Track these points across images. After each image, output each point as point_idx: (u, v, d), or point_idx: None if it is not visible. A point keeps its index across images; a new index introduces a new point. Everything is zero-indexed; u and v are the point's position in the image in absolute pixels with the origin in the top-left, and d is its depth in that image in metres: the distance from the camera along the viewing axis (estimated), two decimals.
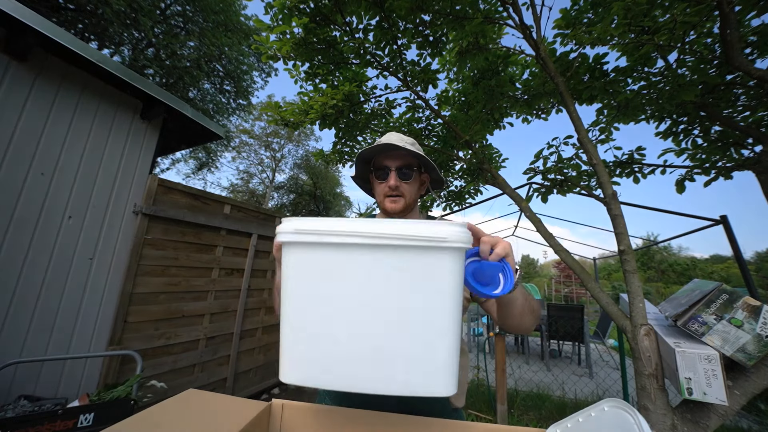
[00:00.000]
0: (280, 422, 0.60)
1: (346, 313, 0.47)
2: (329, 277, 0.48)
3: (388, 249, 0.45)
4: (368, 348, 0.47)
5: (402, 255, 0.46)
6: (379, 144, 0.88)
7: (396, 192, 0.91)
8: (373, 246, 0.46)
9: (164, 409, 0.54)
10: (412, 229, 0.44)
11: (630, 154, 2.59)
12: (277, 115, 2.54)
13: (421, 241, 0.44)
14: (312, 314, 0.48)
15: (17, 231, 1.84)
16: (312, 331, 0.48)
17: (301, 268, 0.49)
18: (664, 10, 1.81)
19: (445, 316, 0.46)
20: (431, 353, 0.46)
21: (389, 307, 0.46)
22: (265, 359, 3.54)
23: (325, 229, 0.46)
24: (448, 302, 0.46)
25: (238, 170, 19.21)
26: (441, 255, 0.45)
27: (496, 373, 2.47)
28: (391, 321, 0.46)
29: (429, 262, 0.45)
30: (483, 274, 0.57)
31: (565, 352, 6.05)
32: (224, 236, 3.04)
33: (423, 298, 0.46)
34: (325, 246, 0.47)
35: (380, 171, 0.93)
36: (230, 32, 10.00)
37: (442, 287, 0.46)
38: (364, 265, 0.47)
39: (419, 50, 2.42)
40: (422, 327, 0.46)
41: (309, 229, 0.47)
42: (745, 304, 1.15)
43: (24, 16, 1.74)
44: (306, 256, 0.49)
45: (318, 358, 0.48)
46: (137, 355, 1.93)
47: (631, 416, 0.45)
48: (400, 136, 0.95)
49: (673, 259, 32.33)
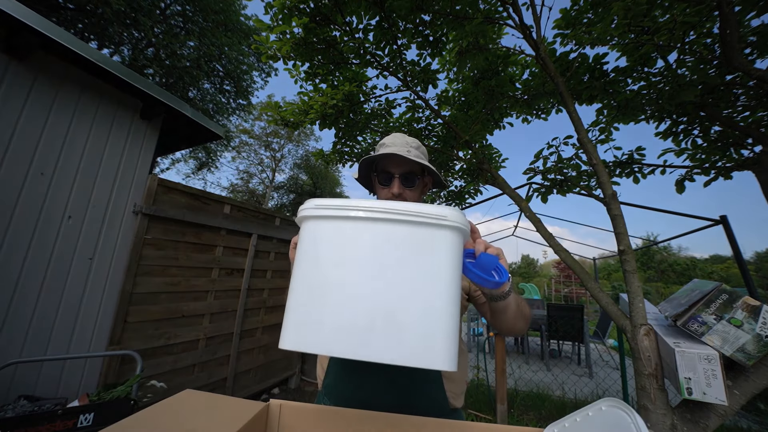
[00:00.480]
0: (278, 423, 0.60)
1: (352, 278, 0.50)
2: (342, 245, 0.52)
3: (397, 223, 0.51)
4: (370, 315, 0.48)
5: (408, 228, 0.50)
6: (384, 153, 0.88)
7: (399, 198, 0.91)
8: (384, 219, 0.51)
9: (161, 409, 0.54)
10: (417, 207, 0.50)
11: (630, 154, 2.59)
12: (277, 115, 2.54)
13: (425, 218, 0.50)
14: (320, 277, 0.51)
15: (17, 231, 1.84)
16: (318, 294, 0.50)
17: (317, 235, 0.53)
18: (664, 10, 1.81)
19: (444, 292, 0.48)
20: (430, 325, 0.47)
21: (393, 276, 0.49)
22: (265, 359, 3.54)
23: (342, 204, 0.52)
24: (446, 277, 0.49)
25: (238, 170, 19.24)
26: (442, 231, 0.50)
27: (496, 373, 2.47)
28: (394, 290, 0.49)
29: (431, 235, 0.50)
30: (481, 265, 0.61)
31: (565, 352, 6.05)
32: (224, 236, 3.04)
33: (424, 270, 0.49)
34: (341, 219, 0.52)
35: (384, 176, 0.93)
36: (230, 32, 10.00)
37: (442, 261, 0.49)
38: (375, 235, 0.51)
39: (419, 50, 2.42)
40: (423, 300, 0.48)
41: (329, 204, 0.53)
42: (745, 304, 1.15)
43: (24, 15, 1.73)
44: (323, 226, 0.53)
45: (320, 322, 0.49)
46: (137, 355, 1.93)
47: (628, 416, 0.45)
48: (404, 138, 0.94)
49: (673, 259, 32.32)
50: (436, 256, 0.49)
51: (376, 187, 0.98)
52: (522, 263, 43.60)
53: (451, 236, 0.50)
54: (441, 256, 0.49)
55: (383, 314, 0.48)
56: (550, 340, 5.43)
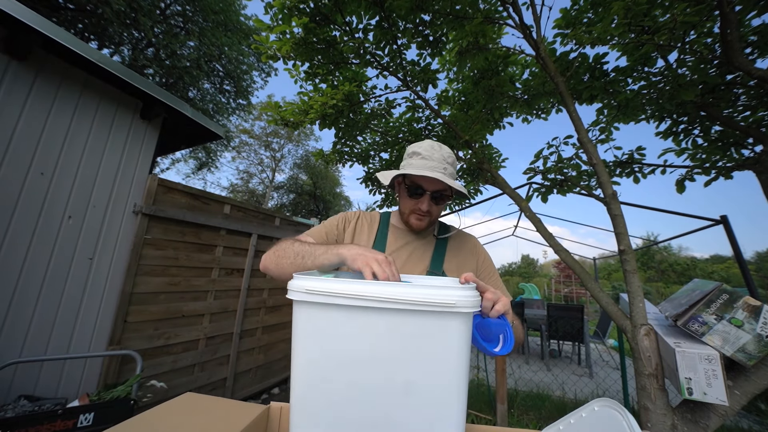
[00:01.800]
0: (278, 426, 0.60)
1: (353, 375, 0.48)
2: (338, 338, 0.48)
3: (398, 312, 0.46)
4: (373, 414, 0.47)
5: (411, 319, 0.46)
6: (421, 175, 0.85)
7: (426, 214, 0.92)
8: (382, 309, 0.46)
9: (161, 412, 0.54)
10: (422, 294, 0.45)
11: (630, 154, 2.59)
12: (277, 115, 2.54)
13: (432, 307, 0.45)
14: (319, 375, 0.48)
15: (17, 231, 1.84)
16: (320, 393, 0.48)
17: (312, 327, 0.49)
18: (664, 10, 1.81)
19: (452, 386, 0.46)
20: (440, 415, 0.46)
21: (396, 371, 0.47)
22: (265, 359, 3.54)
23: (335, 291, 0.47)
24: (454, 369, 0.46)
25: (238, 170, 19.23)
26: (451, 321, 0.46)
27: (496, 373, 2.47)
28: (397, 386, 0.46)
29: (438, 326, 0.46)
30: (487, 330, 0.61)
31: (565, 352, 6.05)
32: (224, 236, 3.04)
33: (430, 365, 0.46)
34: (335, 307, 0.47)
35: (415, 189, 0.91)
36: (230, 32, 9.99)
37: (450, 354, 0.46)
38: (372, 328, 0.47)
39: (419, 50, 2.41)
40: (429, 395, 0.46)
41: (319, 290, 0.47)
42: (746, 304, 1.15)
43: (24, 15, 1.73)
44: (316, 315, 0.49)
45: (325, 421, 0.48)
46: (137, 355, 1.93)
47: (621, 415, 0.45)
48: (441, 152, 0.90)
49: (673, 259, 32.30)
50: (445, 350, 0.46)
51: (401, 194, 0.96)
52: (522, 263, 43.56)
53: (459, 324, 0.46)
54: (449, 351, 0.46)
55: (391, 406, 0.46)
56: (550, 340, 5.43)
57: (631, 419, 0.43)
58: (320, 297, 0.47)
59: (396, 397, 0.46)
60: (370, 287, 0.47)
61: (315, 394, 0.48)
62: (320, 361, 0.48)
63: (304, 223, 4.23)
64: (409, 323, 0.46)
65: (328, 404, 0.48)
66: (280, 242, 0.88)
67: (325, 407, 0.48)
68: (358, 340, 0.47)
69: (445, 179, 0.83)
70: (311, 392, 0.48)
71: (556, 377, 4.28)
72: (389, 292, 0.46)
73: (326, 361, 0.48)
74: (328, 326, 0.48)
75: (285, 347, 3.87)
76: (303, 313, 0.49)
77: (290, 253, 0.81)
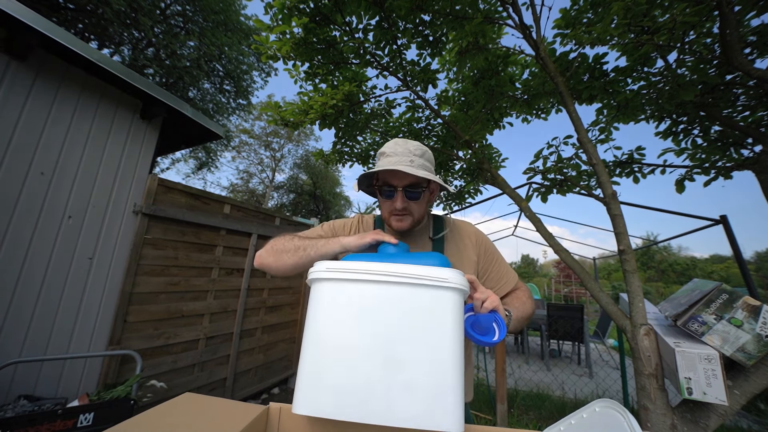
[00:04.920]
0: (278, 426, 0.60)
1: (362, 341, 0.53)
2: (349, 305, 0.55)
3: (402, 285, 0.55)
4: (378, 378, 0.51)
5: (412, 290, 0.54)
6: (384, 169, 0.81)
7: (403, 212, 0.88)
8: (389, 282, 0.55)
9: (160, 413, 0.54)
10: (421, 270, 0.54)
11: (630, 154, 2.59)
12: (277, 115, 2.54)
13: (428, 280, 0.54)
14: (329, 341, 0.54)
15: (17, 231, 1.84)
16: (328, 358, 0.53)
17: (328, 299, 0.57)
18: (663, 10, 1.81)
19: (448, 350, 0.52)
20: (439, 384, 0.50)
21: (400, 336, 0.52)
22: (265, 359, 3.54)
23: (351, 268, 0.56)
24: (449, 335, 0.52)
25: (238, 170, 19.21)
26: (444, 292, 0.54)
27: (496, 372, 2.47)
28: (400, 350, 0.52)
29: (434, 297, 0.54)
30: (480, 325, 0.67)
31: (565, 352, 6.05)
32: (224, 236, 3.04)
33: (428, 330, 0.52)
34: (350, 282, 0.56)
35: (386, 189, 0.87)
36: (230, 32, 9.99)
37: (445, 320, 0.53)
38: (380, 298, 0.55)
39: (419, 50, 2.41)
40: (429, 360, 0.51)
41: (338, 268, 0.57)
42: (745, 303, 1.15)
43: (24, 15, 1.73)
44: (333, 288, 0.57)
45: (332, 387, 0.52)
46: (137, 354, 1.93)
47: (622, 415, 0.45)
48: (406, 145, 0.87)
49: (673, 259, 32.34)
50: (440, 317, 0.53)
51: (379, 199, 0.93)
52: (522, 263, 43.63)
53: (452, 296, 0.54)
54: (444, 318, 0.53)
55: (393, 375, 0.50)
56: (550, 339, 5.43)
57: (633, 420, 0.43)
58: (339, 273, 0.56)
59: (398, 364, 0.51)
60: (378, 265, 0.55)
61: (322, 361, 0.53)
62: (328, 329, 0.55)
63: (304, 223, 4.23)
64: (409, 294, 0.54)
65: (333, 371, 0.52)
66: (277, 239, 0.90)
67: (331, 375, 0.52)
68: (366, 309, 0.55)
69: (412, 170, 0.79)
70: (320, 360, 0.54)
71: (556, 377, 4.28)
72: (393, 269, 0.55)
73: (336, 328, 0.55)
74: (342, 296, 0.56)
75: (285, 347, 3.88)
76: (321, 288, 0.58)
77: (290, 247, 0.83)
